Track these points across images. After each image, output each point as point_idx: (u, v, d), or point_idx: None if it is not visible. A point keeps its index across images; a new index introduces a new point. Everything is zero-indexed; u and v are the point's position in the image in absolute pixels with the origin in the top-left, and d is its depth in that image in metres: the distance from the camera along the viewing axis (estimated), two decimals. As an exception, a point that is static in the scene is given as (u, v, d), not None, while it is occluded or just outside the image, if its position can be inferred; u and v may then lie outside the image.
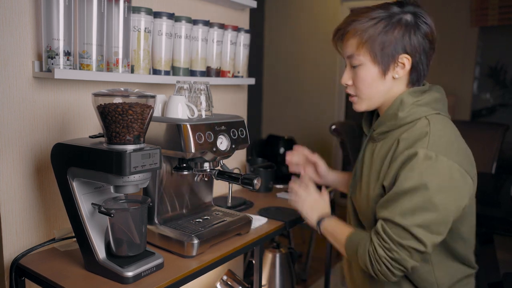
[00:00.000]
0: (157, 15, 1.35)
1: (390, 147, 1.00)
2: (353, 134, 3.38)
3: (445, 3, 3.82)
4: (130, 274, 0.98)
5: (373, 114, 1.17)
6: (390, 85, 1.03)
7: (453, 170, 0.90)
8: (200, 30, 1.50)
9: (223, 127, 1.20)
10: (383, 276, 0.94)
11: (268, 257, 1.99)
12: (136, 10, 1.28)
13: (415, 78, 1.03)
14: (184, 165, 1.21)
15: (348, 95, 1.11)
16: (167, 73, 1.42)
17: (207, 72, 1.60)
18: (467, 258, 1.06)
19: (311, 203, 1.18)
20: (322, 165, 1.36)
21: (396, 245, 0.91)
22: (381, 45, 0.98)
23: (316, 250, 3.05)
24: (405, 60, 0.99)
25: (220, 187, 1.81)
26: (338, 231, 1.08)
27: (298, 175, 1.34)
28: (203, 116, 1.22)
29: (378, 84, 1.02)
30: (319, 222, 1.14)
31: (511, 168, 3.56)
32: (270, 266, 1.97)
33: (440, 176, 0.90)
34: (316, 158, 1.36)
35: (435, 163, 0.90)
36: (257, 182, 1.19)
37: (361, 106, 1.07)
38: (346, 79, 1.06)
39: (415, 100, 1.00)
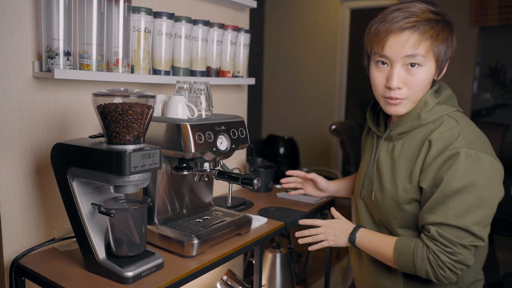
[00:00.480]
0: (157, 15, 1.35)
1: (419, 147, 1.00)
2: (353, 134, 3.38)
3: (445, 3, 3.81)
4: (130, 274, 0.98)
5: (379, 114, 1.17)
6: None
7: (492, 164, 0.94)
8: (200, 30, 1.50)
9: (223, 127, 1.20)
10: (445, 279, 0.95)
11: (268, 257, 1.99)
12: (136, 10, 1.28)
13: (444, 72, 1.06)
14: (184, 165, 1.21)
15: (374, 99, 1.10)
16: (167, 73, 1.42)
17: (207, 72, 1.60)
18: (482, 255, 1.08)
19: (331, 232, 1.16)
20: (321, 180, 1.37)
21: (458, 247, 0.92)
22: (446, 49, 0.99)
23: (316, 250, 3.05)
24: (447, 66, 1.03)
25: (220, 187, 1.80)
26: (377, 244, 1.05)
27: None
28: (203, 116, 1.22)
29: (428, 85, 1.02)
30: (351, 240, 1.12)
31: (511, 168, 3.56)
32: (270, 266, 1.97)
33: (484, 172, 0.92)
34: (313, 175, 1.37)
35: (476, 160, 0.92)
36: (257, 182, 1.19)
37: (405, 108, 1.03)
38: (399, 82, 0.99)
39: (437, 101, 1.02)
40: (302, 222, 1.24)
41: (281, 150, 2.70)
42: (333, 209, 1.22)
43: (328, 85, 4.40)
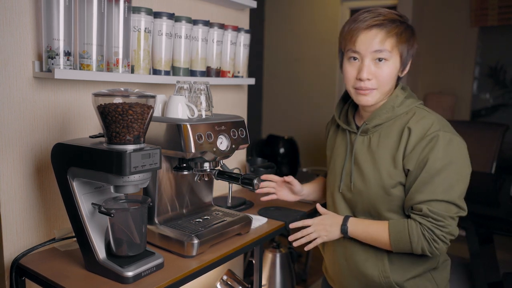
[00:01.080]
0: (157, 15, 1.35)
1: (399, 135, 1.11)
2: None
3: (445, 3, 3.82)
4: (130, 274, 0.98)
5: (347, 113, 1.26)
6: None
7: (461, 144, 1.08)
8: (200, 30, 1.50)
9: (223, 127, 1.20)
10: (438, 251, 1.06)
11: (268, 257, 1.99)
12: (136, 10, 1.28)
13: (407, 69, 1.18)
14: (184, 165, 1.22)
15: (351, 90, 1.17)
16: (167, 73, 1.42)
17: (207, 72, 1.60)
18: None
19: (323, 228, 1.20)
20: (296, 184, 1.40)
21: (448, 220, 1.04)
22: (409, 47, 1.12)
23: (316, 250, 3.05)
24: (410, 63, 1.15)
25: (220, 187, 1.81)
26: (371, 231, 1.13)
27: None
28: (203, 116, 1.22)
29: (394, 79, 1.14)
30: (343, 231, 1.17)
31: (511, 168, 3.56)
32: (270, 266, 1.98)
33: (458, 151, 1.06)
34: (291, 178, 1.39)
35: (450, 141, 1.05)
36: (257, 182, 1.19)
37: (373, 99, 1.14)
38: (368, 73, 1.11)
39: (405, 95, 1.16)
40: (292, 225, 1.29)
41: (281, 150, 2.70)
42: (318, 206, 1.26)
43: (328, 85, 4.40)
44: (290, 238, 1.24)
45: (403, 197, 1.10)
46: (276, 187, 1.41)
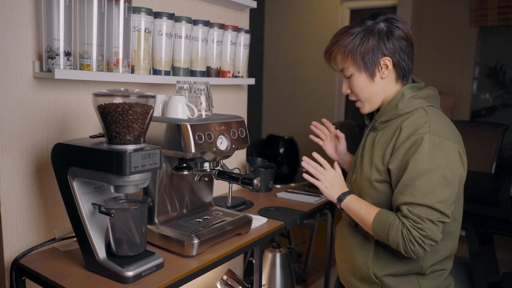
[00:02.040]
0: (157, 15, 1.35)
1: (393, 133, 1.12)
2: (353, 134, 3.38)
3: (445, 3, 3.82)
4: (130, 274, 0.98)
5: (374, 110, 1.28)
6: (382, 85, 1.16)
7: (454, 149, 1.05)
8: (200, 30, 1.50)
9: (223, 127, 1.20)
10: (413, 253, 1.04)
11: (268, 257, 1.99)
12: (136, 10, 1.28)
13: (402, 73, 1.15)
14: (184, 165, 1.22)
15: (352, 101, 1.24)
16: (167, 73, 1.42)
17: (207, 72, 1.60)
18: (455, 235, 1.17)
19: (330, 181, 1.23)
20: (344, 143, 1.44)
21: (427, 223, 1.02)
22: (361, 55, 1.12)
23: (316, 250, 3.05)
24: (387, 62, 1.13)
25: (220, 187, 1.81)
26: (362, 211, 1.14)
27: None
28: (203, 116, 1.22)
29: (370, 87, 1.16)
30: (340, 198, 1.20)
31: (511, 168, 3.56)
32: (270, 266, 1.97)
33: (446, 156, 1.03)
34: (342, 135, 1.44)
35: (439, 145, 1.03)
36: (257, 182, 1.19)
37: (365, 108, 1.21)
38: (345, 89, 1.21)
39: (414, 94, 1.13)
40: (315, 155, 1.29)
41: (281, 150, 2.70)
42: (336, 165, 1.28)
43: (328, 85, 4.40)
44: (304, 158, 1.26)
45: (389, 194, 1.12)
46: (326, 137, 1.46)
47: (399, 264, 1.14)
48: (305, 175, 1.25)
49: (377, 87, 1.15)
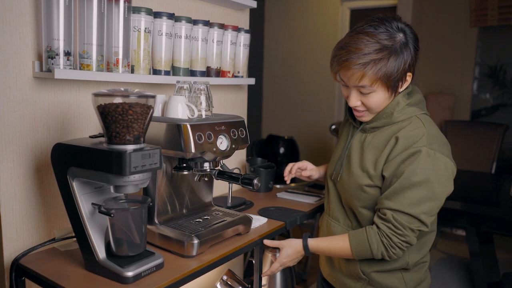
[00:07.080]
0: (157, 15, 1.35)
1: (387, 141, 1.13)
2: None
3: (445, 3, 3.82)
4: (130, 274, 0.98)
5: None
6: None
7: (447, 164, 1.08)
8: (200, 30, 1.50)
9: (223, 127, 1.20)
10: (395, 256, 1.10)
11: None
12: (136, 10, 1.28)
13: (409, 80, 1.15)
14: (184, 165, 1.21)
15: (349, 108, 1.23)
16: (167, 73, 1.42)
17: (207, 72, 1.60)
18: (435, 228, 1.23)
19: (290, 258, 1.29)
20: (310, 169, 1.49)
21: (408, 230, 1.07)
22: (390, 76, 1.07)
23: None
24: (408, 75, 1.12)
25: (220, 187, 1.81)
26: (332, 246, 1.19)
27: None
28: (203, 116, 1.22)
29: (387, 100, 1.14)
30: (305, 250, 1.25)
31: (511, 168, 3.56)
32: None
33: (438, 171, 1.06)
34: (304, 173, 1.48)
35: (434, 160, 1.06)
36: (257, 182, 1.19)
37: (368, 117, 1.19)
38: (355, 102, 1.14)
39: (408, 102, 1.15)
40: (266, 242, 1.34)
41: (281, 150, 2.69)
42: (266, 241, 1.33)
43: (328, 85, 4.40)
44: (264, 274, 1.35)
45: (378, 197, 1.14)
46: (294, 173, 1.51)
47: (387, 263, 1.17)
48: (263, 274, 1.34)
49: (391, 99, 1.14)
